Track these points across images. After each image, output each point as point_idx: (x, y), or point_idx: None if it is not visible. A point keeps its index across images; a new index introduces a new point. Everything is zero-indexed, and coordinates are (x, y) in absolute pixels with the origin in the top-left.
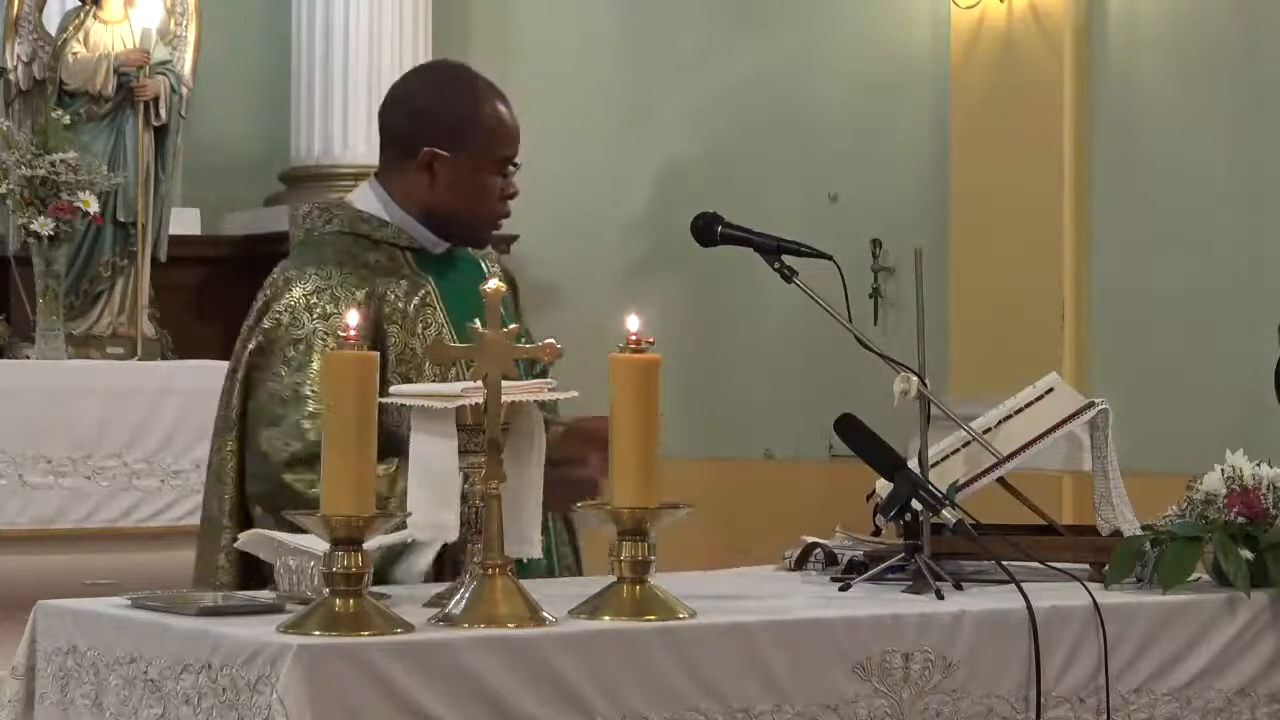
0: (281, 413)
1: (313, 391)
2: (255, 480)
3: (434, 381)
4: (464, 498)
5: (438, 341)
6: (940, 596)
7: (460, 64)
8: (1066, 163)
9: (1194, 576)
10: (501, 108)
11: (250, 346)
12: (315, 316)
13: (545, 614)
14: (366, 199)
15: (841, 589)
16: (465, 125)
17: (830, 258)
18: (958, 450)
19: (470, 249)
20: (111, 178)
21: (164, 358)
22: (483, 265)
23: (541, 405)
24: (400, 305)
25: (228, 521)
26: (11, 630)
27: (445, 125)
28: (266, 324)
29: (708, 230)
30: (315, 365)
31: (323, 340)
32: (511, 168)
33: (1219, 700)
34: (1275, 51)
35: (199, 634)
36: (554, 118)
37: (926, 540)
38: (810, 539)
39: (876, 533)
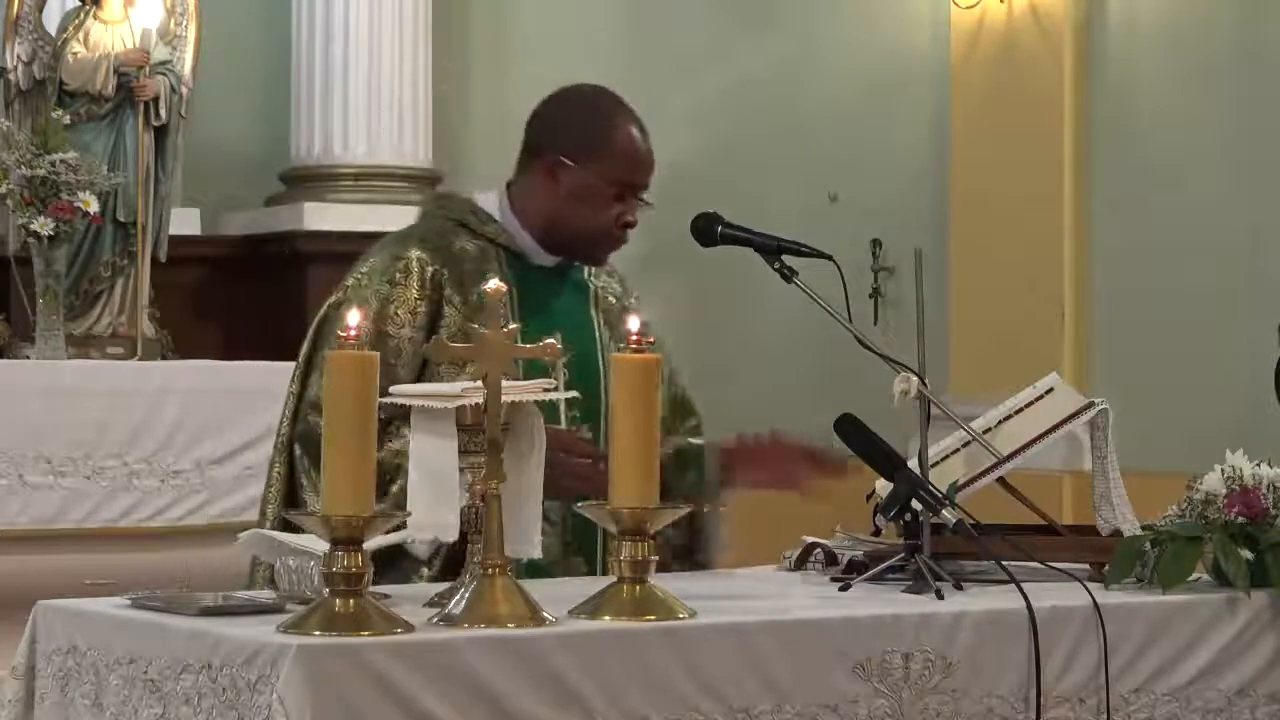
0: None
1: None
2: (300, 420)
3: None
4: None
5: (438, 340)
6: (940, 596)
7: (608, 89)
8: (1066, 163)
9: (1194, 576)
10: (636, 134)
11: (330, 300)
12: (383, 280)
13: (545, 614)
14: (488, 198)
15: (841, 589)
16: (595, 140)
17: (830, 258)
18: (958, 450)
19: (588, 273)
20: (111, 178)
21: (164, 358)
22: (595, 292)
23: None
24: (462, 288)
25: (277, 457)
26: (11, 630)
27: (576, 136)
28: (349, 282)
29: (708, 230)
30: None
31: (381, 304)
32: (639, 201)
33: (1219, 700)
34: (1275, 51)
35: (199, 634)
36: None
37: (926, 540)
38: (810, 539)
39: (876, 533)
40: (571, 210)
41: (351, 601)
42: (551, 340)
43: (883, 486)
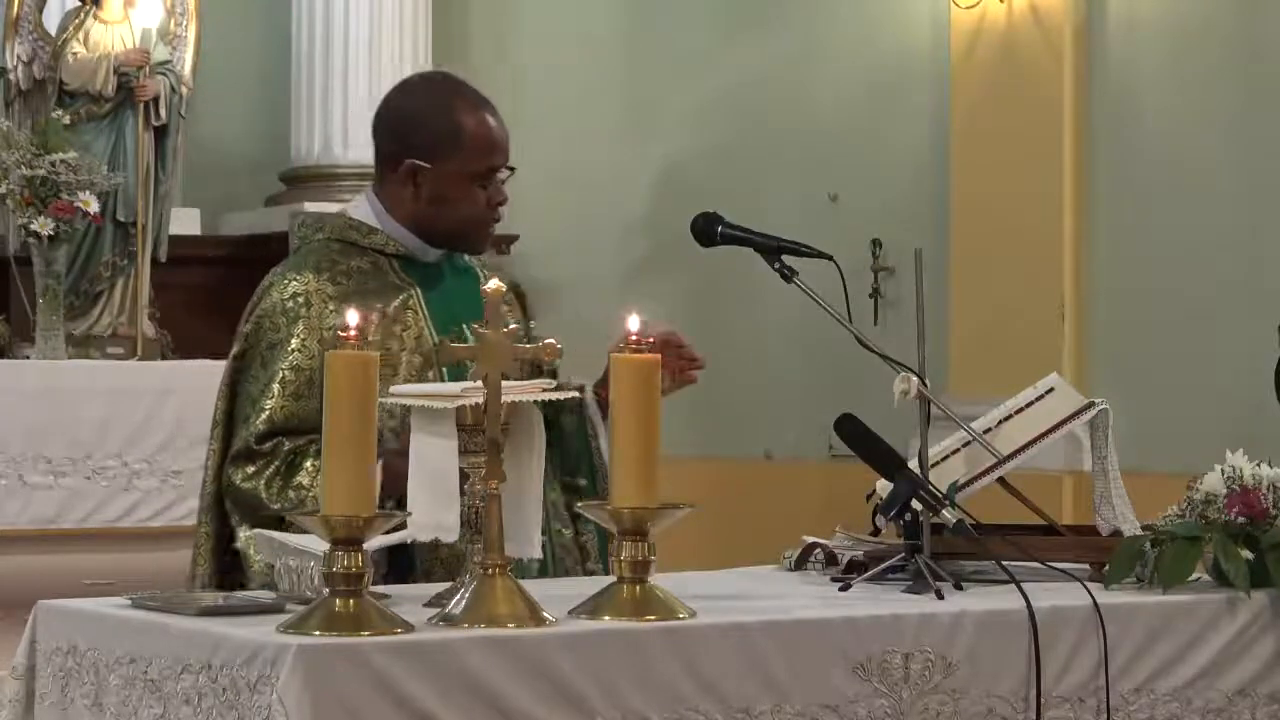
0: (250, 412)
1: (267, 388)
2: (223, 475)
3: (409, 381)
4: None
5: (444, 342)
6: (940, 596)
7: (446, 75)
8: (1066, 163)
9: (1194, 576)
10: (487, 118)
11: (234, 350)
12: (289, 320)
13: (545, 614)
14: (360, 208)
15: (841, 589)
16: (444, 138)
17: (830, 258)
18: (958, 450)
19: (468, 258)
20: (111, 178)
21: (164, 358)
22: (480, 274)
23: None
24: (378, 307)
25: (204, 518)
26: (11, 630)
27: (425, 138)
28: (247, 328)
29: (708, 230)
30: (281, 364)
31: (291, 340)
32: (503, 174)
33: (1219, 700)
34: (1275, 51)
35: (199, 634)
36: (554, 118)
37: (926, 540)
38: (810, 539)
39: (876, 533)
40: (440, 209)
41: (351, 601)
42: (551, 340)
43: (883, 486)
